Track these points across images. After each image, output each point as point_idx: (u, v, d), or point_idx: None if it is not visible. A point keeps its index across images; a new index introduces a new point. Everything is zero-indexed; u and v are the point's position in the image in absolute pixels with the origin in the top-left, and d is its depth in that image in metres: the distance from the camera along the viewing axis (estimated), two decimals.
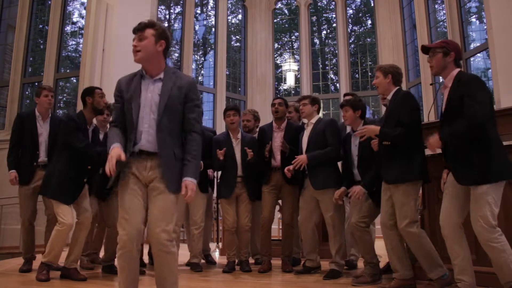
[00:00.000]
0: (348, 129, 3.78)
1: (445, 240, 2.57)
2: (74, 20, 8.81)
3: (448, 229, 2.52)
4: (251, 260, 4.39)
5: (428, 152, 2.91)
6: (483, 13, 7.20)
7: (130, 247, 2.08)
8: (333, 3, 10.43)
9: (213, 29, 10.31)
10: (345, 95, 4.45)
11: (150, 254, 3.93)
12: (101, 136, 3.79)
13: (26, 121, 3.84)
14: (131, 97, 2.18)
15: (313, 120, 3.75)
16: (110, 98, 4.38)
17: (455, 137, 2.45)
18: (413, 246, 2.83)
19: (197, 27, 10.32)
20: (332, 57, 10.60)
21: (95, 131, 3.63)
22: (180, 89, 2.19)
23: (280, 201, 4.16)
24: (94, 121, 3.82)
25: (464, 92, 2.44)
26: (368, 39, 10.33)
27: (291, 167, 3.57)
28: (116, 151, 2.06)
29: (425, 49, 2.75)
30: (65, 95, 8.76)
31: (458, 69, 2.61)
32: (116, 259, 2.18)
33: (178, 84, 2.19)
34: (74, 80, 8.30)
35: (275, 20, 10.94)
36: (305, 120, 3.91)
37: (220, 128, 8.45)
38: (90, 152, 3.36)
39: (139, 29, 2.18)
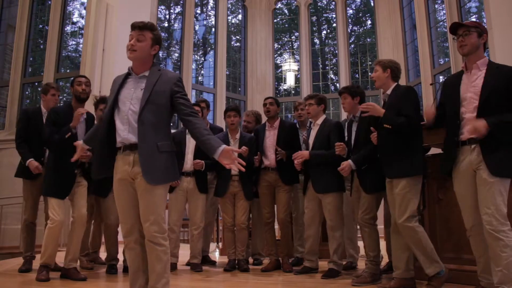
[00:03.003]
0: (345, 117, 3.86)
1: (470, 239, 2.57)
2: (74, 20, 8.81)
3: (475, 231, 2.51)
4: (251, 260, 4.39)
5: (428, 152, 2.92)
6: (483, 13, 7.20)
7: (126, 242, 2.27)
8: (333, 3, 10.43)
9: (213, 29, 10.31)
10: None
11: None
12: None
13: (32, 118, 3.82)
14: (114, 90, 2.31)
15: (319, 121, 3.74)
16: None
17: (508, 127, 2.36)
18: (410, 241, 2.81)
19: (197, 27, 10.32)
20: (332, 57, 10.60)
21: (88, 120, 3.56)
22: (165, 84, 2.26)
23: None
24: (94, 113, 3.79)
25: (507, 77, 2.38)
26: (368, 39, 10.33)
27: (294, 156, 3.57)
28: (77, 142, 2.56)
29: (454, 28, 2.59)
30: (65, 95, 8.75)
31: (486, 57, 2.54)
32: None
33: (163, 79, 2.27)
34: None
35: (275, 20, 10.94)
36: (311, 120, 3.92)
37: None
38: (52, 141, 3.37)
39: (140, 28, 2.24)
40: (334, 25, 10.51)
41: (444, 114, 2.69)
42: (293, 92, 10.55)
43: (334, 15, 10.57)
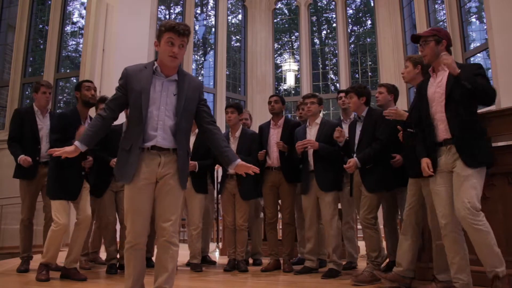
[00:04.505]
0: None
1: (444, 239, 2.55)
2: (74, 20, 8.82)
3: (449, 229, 2.51)
4: (251, 260, 4.40)
5: None
6: (483, 13, 7.20)
7: (135, 243, 2.20)
8: (333, 3, 10.43)
9: (213, 29, 10.31)
10: (339, 92, 4.43)
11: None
12: None
13: (25, 117, 3.80)
14: (142, 90, 2.17)
15: (318, 121, 3.76)
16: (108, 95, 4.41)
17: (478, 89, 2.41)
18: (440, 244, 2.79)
19: (197, 27, 10.32)
20: (332, 57, 10.60)
21: None
22: (194, 91, 2.29)
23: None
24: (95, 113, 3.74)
25: (471, 72, 2.44)
26: (368, 39, 10.34)
27: (303, 142, 3.59)
28: (69, 148, 2.17)
29: (415, 38, 2.73)
30: (65, 95, 8.76)
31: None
32: (124, 253, 2.26)
33: (192, 86, 2.29)
34: (74, 80, 8.29)
35: (275, 20, 10.95)
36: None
37: (221, 128, 8.43)
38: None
39: (185, 35, 2.20)
40: (334, 25, 10.51)
41: (420, 117, 2.71)
42: (293, 92, 10.56)
43: (334, 15, 10.57)
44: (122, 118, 3.92)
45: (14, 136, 3.78)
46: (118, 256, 3.85)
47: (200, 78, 10.28)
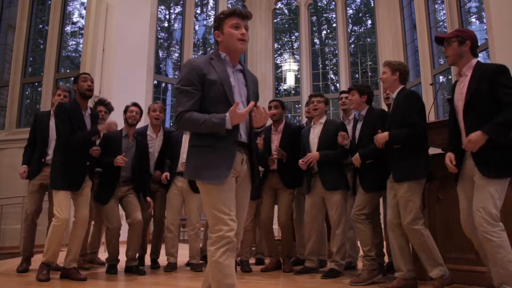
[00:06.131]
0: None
1: (471, 239, 2.58)
2: (74, 20, 8.81)
3: (470, 230, 2.53)
4: (252, 260, 4.39)
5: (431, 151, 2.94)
6: (483, 13, 7.20)
7: (235, 242, 1.95)
8: (333, 3, 10.43)
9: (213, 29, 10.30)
10: (341, 92, 4.42)
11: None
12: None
13: (39, 119, 3.92)
14: (222, 82, 1.98)
15: (322, 120, 3.76)
16: (108, 96, 4.41)
17: (506, 128, 2.34)
18: (416, 243, 2.83)
19: (197, 27, 10.32)
20: (332, 57, 10.60)
21: (93, 116, 3.61)
22: (255, 84, 2.18)
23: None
24: (90, 105, 3.75)
25: (495, 81, 2.38)
26: (368, 39, 10.33)
27: (305, 159, 3.58)
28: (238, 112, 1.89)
29: (439, 40, 2.69)
30: None
31: (476, 59, 2.56)
32: (217, 257, 1.90)
33: (253, 79, 2.19)
34: None
35: (275, 20, 10.94)
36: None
37: None
38: (73, 141, 3.35)
39: (247, 17, 2.09)
40: (334, 25, 10.50)
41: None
42: (293, 92, 10.55)
43: (334, 15, 10.57)
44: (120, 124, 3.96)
45: (29, 140, 3.97)
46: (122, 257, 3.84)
47: None
